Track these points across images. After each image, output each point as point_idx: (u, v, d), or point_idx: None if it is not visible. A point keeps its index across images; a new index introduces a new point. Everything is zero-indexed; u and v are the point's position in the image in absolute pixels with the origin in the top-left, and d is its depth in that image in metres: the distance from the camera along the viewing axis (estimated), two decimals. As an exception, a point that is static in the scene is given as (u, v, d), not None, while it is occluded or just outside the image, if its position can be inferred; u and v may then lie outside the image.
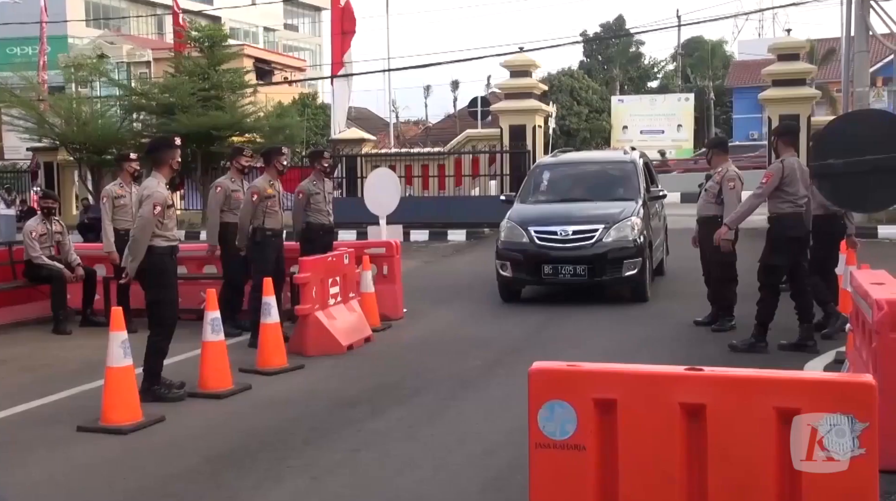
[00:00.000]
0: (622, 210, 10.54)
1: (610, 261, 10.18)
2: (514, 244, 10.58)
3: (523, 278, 10.63)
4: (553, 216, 10.76)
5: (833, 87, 35.83)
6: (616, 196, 11.13)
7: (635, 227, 10.32)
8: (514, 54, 23.75)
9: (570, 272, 10.25)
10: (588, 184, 11.69)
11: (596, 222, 10.36)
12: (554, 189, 11.74)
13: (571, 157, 13.33)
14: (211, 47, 25.43)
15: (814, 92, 21.10)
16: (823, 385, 3.22)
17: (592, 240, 10.22)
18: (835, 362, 7.06)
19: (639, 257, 10.17)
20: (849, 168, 6.76)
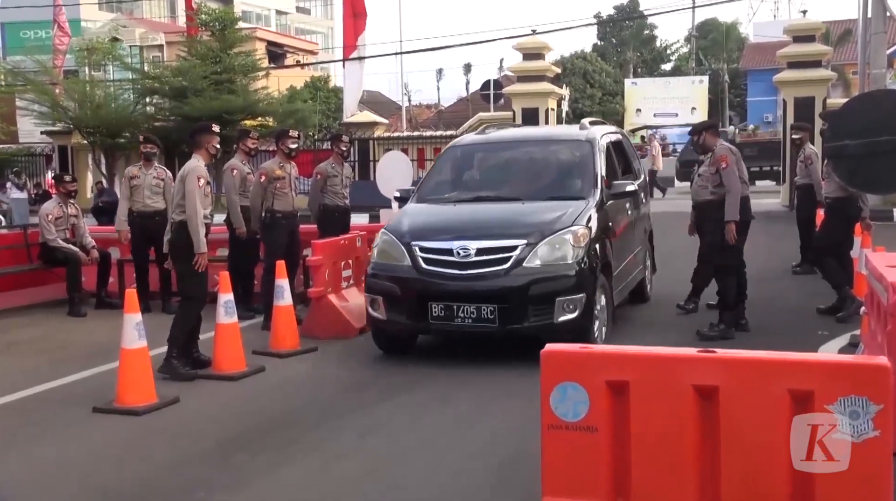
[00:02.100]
0: (561, 215, 6.96)
1: (533, 299, 6.56)
2: (390, 269, 6.99)
3: (402, 323, 6.92)
4: (452, 225, 7.17)
5: (849, 69, 35.57)
6: (559, 192, 7.54)
7: (579, 243, 6.76)
8: (527, 37, 23.61)
9: (472, 315, 6.59)
10: (521, 174, 8.12)
11: (515, 235, 6.76)
12: (469, 182, 8.28)
13: (504, 135, 9.07)
14: (222, 30, 25.43)
15: (829, 74, 20.89)
16: (838, 367, 3.21)
17: (507, 263, 6.61)
18: (849, 345, 7.03)
19: (580, 292, 6.60)
20: (864, 149, 6.71)
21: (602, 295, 7.03)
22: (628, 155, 9.29)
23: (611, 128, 9.57)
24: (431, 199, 7.85)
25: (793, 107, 19.49)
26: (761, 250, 11.95)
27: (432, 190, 8.08)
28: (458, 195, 7.90)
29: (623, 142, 9.37)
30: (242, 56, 26.34)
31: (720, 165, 7.64)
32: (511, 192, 7.68)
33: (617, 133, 9.46)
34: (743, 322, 7.80)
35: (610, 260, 7.30)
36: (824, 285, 8.74)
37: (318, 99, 38.78)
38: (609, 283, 7.25)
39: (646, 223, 9.45)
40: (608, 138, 8.50)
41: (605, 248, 7.19)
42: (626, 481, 3.34)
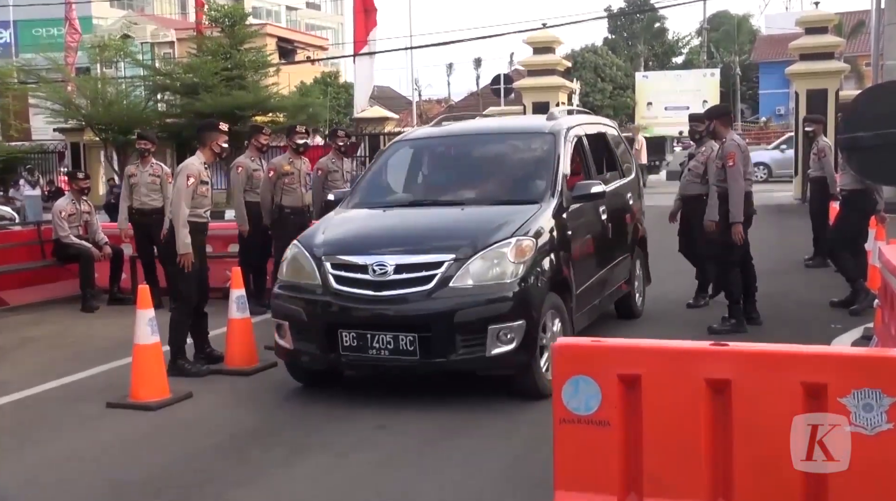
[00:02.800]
0: (503, 223, 5.88)
1: (460, 327, 5.44)
2: (298, 289, 5.93)
3: (310, 353, 5.86)
4: (371, 237, 6.18)
5: (862, 61, 35.36)
6: (510, 195, 6.52)
7: (521, 257, 5.66)
8: (538, 30, 23.58)
9: (388, 346, 5.52)
10: (469, 173, 7.09)
11: (442, 248, 5.67)
12: (410, 182, 7.31)
13: (458, 128, 7.89)
14: (232, 26, 25.46)
15: (842, 66, 20.75)
16: (851, 360, 3.19)
17: (431, 282, 5.52)
18: (863, 338, 7.00)
19: (519, 318, 5.48)
20: (878, 141, 6.66)
21: (556, 319, 5.89)
22: (613, 150, 8.13)
23: (589, 117, 8.39)
24: (364, 203, 6.74)
25: (805, 100, 19.39)
26: (774, 243, 11.92)
27: (367, 192, 6.94)
28: (393, 199, 6.91)
29: (607, 134, 8.14)
30: (253, 52, 26.36)
31: (727, 162, 7.47)
32: (455, 195, 6.63)
33: (597, 124, 8.21)
34: (755, 315, 7.78)
35: (568, 277, 6.15)
36: (837, 278, 8.71)
37: (329, 94, 38.81)
38: (567, 305, 6.09)
39: (634, 227, 8.09)
40: (581, 130, 7.28)
41: (562, 262, 6.06)
42: (639, 475, 3.33)
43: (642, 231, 8.40)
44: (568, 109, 8.28)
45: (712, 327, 7.49)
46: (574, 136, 7.05)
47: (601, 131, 8.05)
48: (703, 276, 8.75)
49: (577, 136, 7.11)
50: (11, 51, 39.96)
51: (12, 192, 23.99)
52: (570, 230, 6.34)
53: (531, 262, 5.68)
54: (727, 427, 3.21)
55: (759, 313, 7.83)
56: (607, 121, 9.08)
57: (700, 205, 8.36)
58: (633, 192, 8.25)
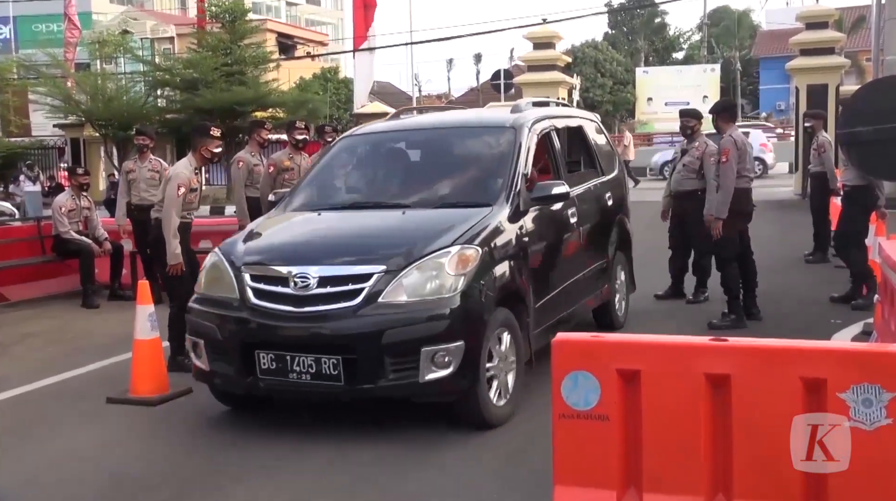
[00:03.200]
0: (445, 229, 5.23)
1: (390, 349, 4.80)
2: (214, 303, 5.29)
3: (225, 375, 5.22)
4: (297, 244, 5.56)
5: (863, 56, 35.33)
6: (460, 197, 5.83)
7: (463, 268, 4.99)
8: (538, 26, 23.58)
9: (310, 369, 4.88)
10: (420, 172, 6.48)
11: (373, 258, 5.03)
12: (354, 182, 6.60)
13: (413, 123, 7.25)
14: (232, 22, 25.46)
15: (843, 61, 20.73)
16: (850, 355, 3.20)
17: (358, 297, 4.89)
18: (862, 333, 7.00)
19: (457, 339, 4.81)
20: (877, 135, 6.67)
21: (507, 338, 5.22)
22: (591, 145, 7.45)
23: (563, 110, 7.71)
24: (301, 205, 6.14)
25: (806, 95, 19.38)
26: (773, 239, 11.92)
27: (307, 192, 6.33)
28: (333, 201, 6.22)
29: (584, 128, 7.44)
30: (253, 47, 26.37)
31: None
32: (400, 197, 5.97)
33: (572, 117, 7.50)
34: (755, 310, 7.78)
35: (523, 289, 5.49)
36: (837, 273, 8.72)
37: (329, 90, 38.79)
38: (522, 320, 5.42)
39: (615, 230, 7.39)
40: (549, 124, 6.59)
41: (516, 272, 5.40)
42: (638, 469, 3.34)
43: (626, 233, 7.67)
44: (540, 101, 7.46)
45: (712, 322, 7.50)
46: (540, 131, 6.38)
47: (577, 125, 7.38)
48: (702, 272, 8.75)
49: (544, 131, 6.47)
50: (11, 46, 39.96)
51: (12, 188, 24.02)
52: (529, 236, 5.66)
53: (475, 274, 4.98)
54: (726, 422, 3.22)
55: (759, 308, 7.83)
56: (586, 113, 8.29)
57: (696, 201, 8.37)
58: (615, 192, 7.50)
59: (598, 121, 8.09)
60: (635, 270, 8.05)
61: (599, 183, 7.28)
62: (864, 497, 3.03)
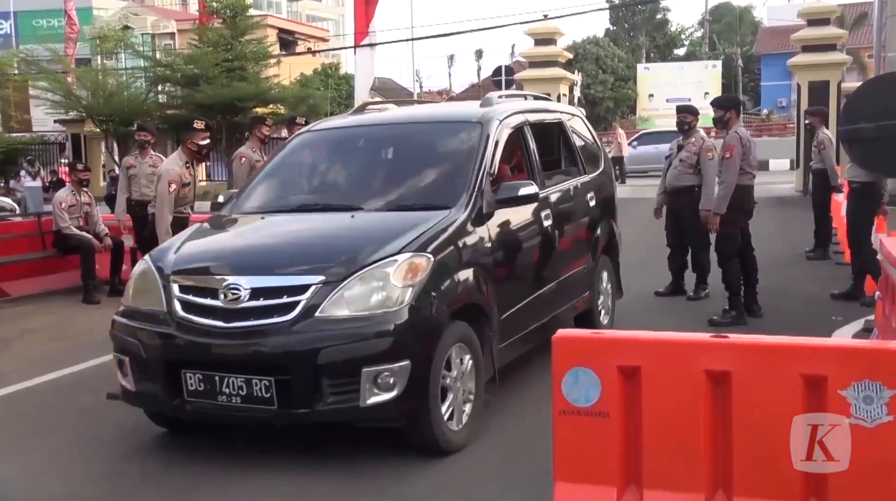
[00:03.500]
0: (394, 235, 4.77)
1: (327, 369, 4.33)
2: (141, 316, 4.82)
3: (152, 396, 4.75)
4: (231, 251, 5.13)
5: (864, 53, 35.30)
6: (416, 199, 5.38)
7: (412, 278, 4.53)
8: (539, 22, 23.54)
9: (240, 391, 4.42)
10: (377, 172, 5.93)
11: (311, 268, 4.55)
12: (307, 182, 6.13)
13: (373, 118, 6.63)
14: (233, 18, 25.45)
15: (844, 57, 20.72)
16: (851, 352, 3.19)
17: (294, 311, 4.42)
18: (863, 330, 7.00)
19: (403, 358, 4.36)
20: (879, 132, 6.65)
21: (464, 355, 4.77)
22: (571, 142, 6.97)
23: (541, 104, 7.11)
24: (248, 207, 5.71)
25: (807, 92, 19.37)
26: (775, 235, 11.91)
27: (255, 194, 5.86)
28: (280, 202, 5.75)
29: (564, 123, 6.97)
30: (254, 43, 26.36)
31: (724, 154, 7.48)
32: (353, 199, 5.52)
33: (551, 112, 7.06)
34: (756, 307, 7.78)
35: (484, 300, 5.02)
36: (838, 270, 8.71)
37: (330, 86, 38.76)
38: (482, 335, 4.97)
39: (598, 232, 6.97)
40: (522, 119, 6.14)
41: (477, 282, 4.95)
42: (638, 466, 3.33)
43: (612, 236, 7.27)
44: (515, 94, 7.12)
45: (713, 319, 7.49)
46: (512, 127, 5.92)
47: (555, 120, 6.92)
48: (701, 269, 8.75)
49: (516, 127, 5.99)
50: (12, 41, 39.95)
51: (13, 183, 24.02)
52: (493, 241, 5.21)
53: (425, 285, 4.51)
54: (727, 419, 3.21)
55: (760, 305, 7.82)
56: (567, 108, 7.86)
57: (692, 197, 8.39)
58: (599, 191, 7.05)
59: (581, 116, 7.63)
60: (635, 268, 8.05)
61: (581, 182, 6.81)
62: (864, 494, 3.02)
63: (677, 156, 8.70)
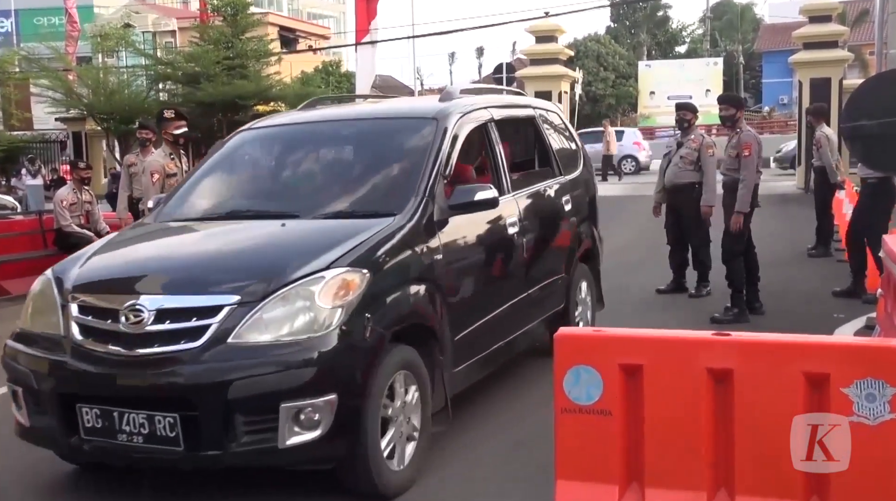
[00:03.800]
0: (326, 246, 4.20)
1: (240, 405, 3.77)
2: (33, 340, 4.25)
3: (47, 432, 4.13)
4: (141, 265, 4.48)
5: (866, 50, 35.25)
6: (359, 205, 4.80)
7: (342, 297, 3.95)
8: (540, 19, 23.53)
9: (142, 429, 3.85)
10: (316, 174, 5.44)
11: (225, 286, 4.00)
12: (240, 186, 5.51)
13: (320, 115, 5.93)
14: (234, 15, 25.45)
15: (846, 54, 20.70)
16: (854, 350, 3.18)
17: (203, 336, 3.84)
18: (865, 328, 6.99)
19: (328, 392, 3.78)
20: (881, 129, 6.64)
21: (410, 385, 4.23)
22: (545, 140, 6.38)
23: (509, 98, 6.60)
24: (175, 214, 5.09)
25: (808, 89, 19.36)
26: (776, 233, 11.89)
27: (185, 198, 5.25)
28: (209, 208, 5.13)
29: (536, 119, 6.37)
30: (255, 41, 26.35)
31: (742, 152, 7.47)
32: (289, 204, 4.95)
33: (522, 107, 6.41)
34: (758, 305, 7.77)
35: (433, 320, 4.45)
36: (840, 267, 8.70)
37: (331, 84, 38.76)
38: (431, 359, 4.41)
39: (576, 239, 6.40)
40: (486, 115, 5.55)
41: (425, 299, 4.40)
42: (640, 464, 3.33)
43: (591, 242, 6.69)
44: (481, 87, 6.65)
45: (715, 316, 7.49)
46: (474, 123, 5.36)
47: (526, 116, 6.33)
48: (702, 266, 8.74)
49: (480, 123, 5.44)
50: (13, 40, 39.96)
51: (14, 182, 24.04)
52: (445, 252, 4.61)
53: (359, 304, 3.92)
54: (729, 417, 3.21)
55: (762, 302, 7.82)
56: (541, 103, 7.11)
57: (693, 194, 8.40)
58: (577, 194, 6.48)
59: (558, 112, 7.07)
60: (636, 266, 8.04)
61: (555, 184, 6.23)
62: (867, 492, 3.02)
63: (677, 154, 8.69)
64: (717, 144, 8.69)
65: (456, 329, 4.65)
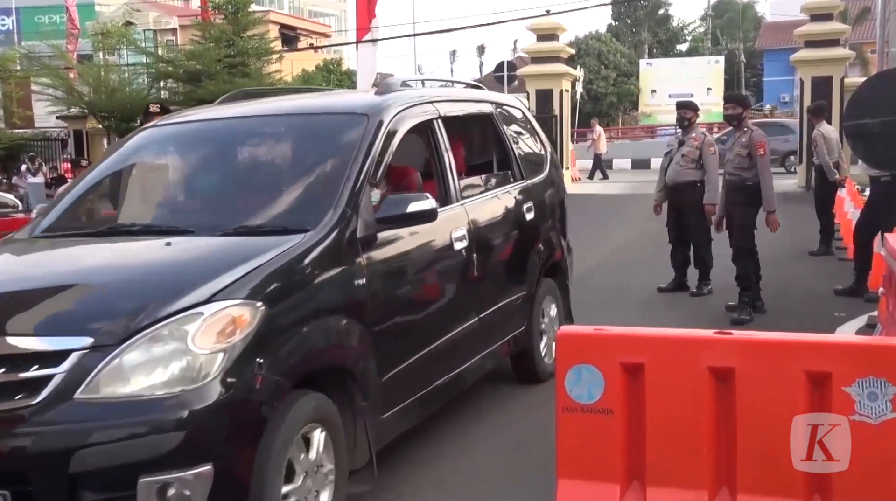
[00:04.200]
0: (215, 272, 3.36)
1: (85, 479, 2.92)
2: None
3: None
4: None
5: (867, 48, 35.22)
6: (265, 218, 3.99)
7: (227, 338, 3.14)
8: (541, 17, 23.51)
9: None
10: (222, 181, 4.55)
11: (75, 325, 3.15)
12: (128, 194, 4.81)
13: (236, 111, 5.05)
14: (235, 13, 25.45)
15: (847, 52, 20.67)
16: (855, 348, 3.18)
17: (42, 392, 2.98)
18: (867, 326, 6.98)
19: (203, 461, 2.98)
20: (884, 128, 6.63)
21: (319, 438, 3.47)
22: (505, 141, 5.66)
23: (459, 92, 5.81)
24: (50, 228, 4.30)
25: (810, 87, 19.34)
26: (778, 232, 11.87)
27: (65, 208, 4.47)
28: (89, 222, 4.59)
29: (494, 118, 5.62)
30: (256, 39, 26.36)
31: (757, 151, 7.47)
32: (183, 218, 4.22)
33: (476, 102, 5.69)
34: (759, 303, 7.77)
35: (352, 359, 3.71)
36: (841, 266, 8.69)
37: (332, 82, 38.76)
38: (351, 406, 3.70)
39: (541, 252, 5.70)
40: (431, 111, 4.80)
41: (344, 334, 3.68)
42: (641, 463, 3.33)
43: (558, 255, 5.99)
44: (427, 79, 5.89)
45: (734, 317, 7.42)
46: (414, 120, 4.59)
47: (482, 113, 5.60)
48: (703, 264, 8.74)
49: (422, 120, 4.69)
50: (14, 38, 39.98)
51: (15, 180, 24.04)
52: (371, 275, 3.86)
53: (249, 346, 3.15)
54: (730, 415, 3.21)
55: (763, 301, 7.82)
56: (501, 97, 6.35)
57: (694, 192, 8.40)
58: (542, 200, 5.84)
59: (521, 108, 6.33)
60: (637, 264, 8.01)
61: (517, 189, 5.54)
62: (869, 491, 3.02)
63: (678, 152, 8.69)
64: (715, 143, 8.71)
65: (384, 367, 3.91)
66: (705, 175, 8.43)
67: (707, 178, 8.40)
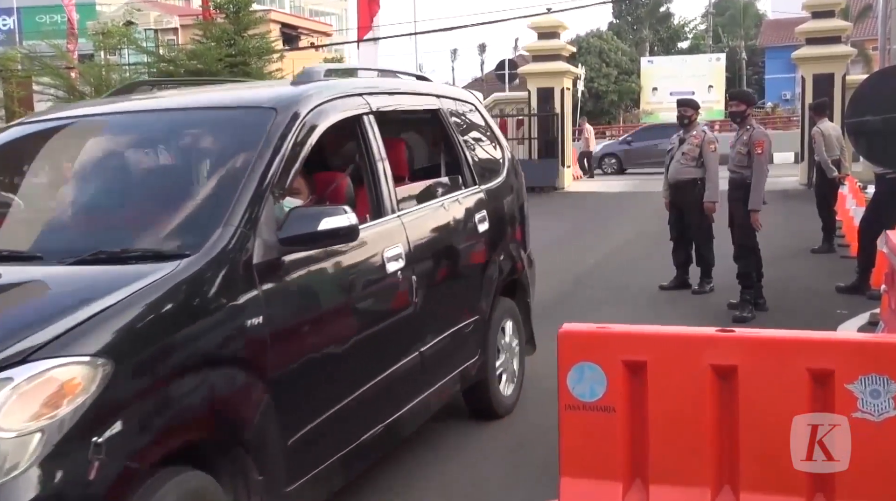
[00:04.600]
0: (47, 317, 2.48)
1: None
2: None
3: None
4: None
5: (869, 45, 35.15)
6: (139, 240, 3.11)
7: (50, 412, 2.29)
8: (542, 16, 23.48)
9: None
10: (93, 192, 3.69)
11: None
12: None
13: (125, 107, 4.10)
14: (236, 13, 25.47)
15: (849, 50, 20.64)
16: (858, 346, 3.18)
17: None
18: (869, 323, 6.98)
19: None
20: (884, 125, 6.63)
21: None
22: (453, 142, 4.90)
23: (396, 83, 4.95)
24: None
25: (811, 84, 19.31)
26: (779, 229, 11.87)
27: None
28: None
29: (441, 114, 4.85)
30: (257, 38, 26.33)
31: (755, 150, 7.46)
32: (34, 240, 3.40)
33: (419, 95, 4.86)
34: (761, 301, 7.77)
35: (242, 423, 2.91)
36: (843, 263, 8.69)
37: (333, 81, 38.75)
38: (243, 479, 2.91)
39: (495, 269, 4.95)
40: (361, 105, 4.03)
41: (228, 392, 2.88)
42: (644, 461, 3.33)
43: (517, 271, 5.24)
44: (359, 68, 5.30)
45: (736, 315, 7.43)
46: (337, 116, 3.80)
47: (427, 108, 4.83)
48: (705, 262, 8.74)
49: (349, 116, 3.92)
50: (15, 37, 40.03)
51: (17, 180, 24.07)
52: (271, 311, 3.06)
53: (80, 422, 2.36)
54: (733, 413, 3.20)
55: (765, 299, 7.81)
56: (451, 90, 5.58)
57: (695, 190, 8.41)
58: (498, 209, 5.09)
59: (474, 103, 5.46)
60: (638, 262, 8.00)
61: (467, 197, 4.81)
62: (871, 489, 3.02)
63: (679, 150, 8.69)
64: (718, 140, 8.70)
65: (290, 427, 3.12)
66: (706, 173, 8.43)
67: (707, 176, 8.41)
